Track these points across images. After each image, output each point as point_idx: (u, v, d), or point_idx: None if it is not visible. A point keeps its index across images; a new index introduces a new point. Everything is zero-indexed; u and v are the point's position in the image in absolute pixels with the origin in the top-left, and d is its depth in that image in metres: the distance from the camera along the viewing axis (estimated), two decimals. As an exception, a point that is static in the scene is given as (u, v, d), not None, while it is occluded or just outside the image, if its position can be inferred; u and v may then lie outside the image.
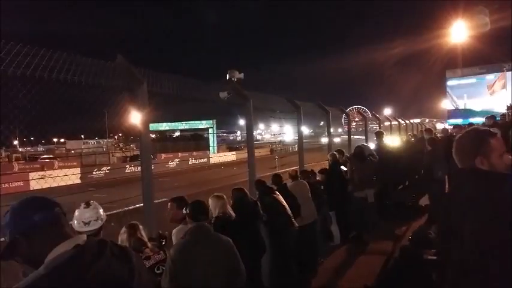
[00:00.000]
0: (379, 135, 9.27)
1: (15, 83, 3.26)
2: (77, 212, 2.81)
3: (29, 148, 38.98)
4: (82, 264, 1.18)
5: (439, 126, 33.95)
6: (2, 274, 1.78)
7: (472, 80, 33.59)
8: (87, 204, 2.82)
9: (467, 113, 31.43)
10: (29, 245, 1.23)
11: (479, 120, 21.22)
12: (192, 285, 2.69)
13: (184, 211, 3.15)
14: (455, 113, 33.40)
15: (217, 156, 37.33)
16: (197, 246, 2.81)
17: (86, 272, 1.17)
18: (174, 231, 3.56)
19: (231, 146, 53.83)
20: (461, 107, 33.73)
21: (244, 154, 7.02)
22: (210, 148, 42.53)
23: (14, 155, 34.94)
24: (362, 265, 5.93)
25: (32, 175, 21.67)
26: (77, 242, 1.25)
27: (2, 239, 1.27)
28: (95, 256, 1.23)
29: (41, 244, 1.24)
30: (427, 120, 44.38)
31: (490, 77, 32.29)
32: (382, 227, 7.63)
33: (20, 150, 38.23)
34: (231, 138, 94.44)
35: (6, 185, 19.10)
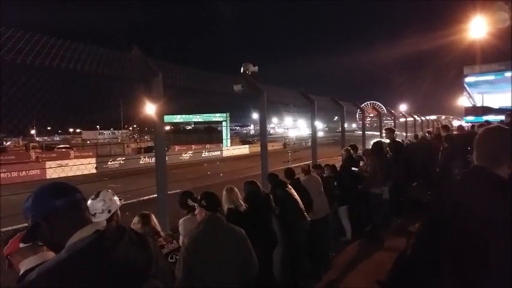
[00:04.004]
0: (390, 131, 9.17)
1: (33, 73, 3.31)
2: (88, 203, 2.81)
3: (45, 138, 39.66)
4: (102, 250, 1.21)
5: (456, 123, 33.41)
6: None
7: (490, 76, 32.89)
8: (96, 196, 2.79)
9: (485, 110, 30.83)
10: (50, 229, 1.27)
11: (496, 118, 20.80)
12: (205, 274, 2.72)
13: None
14: (473, 110, 32.79)
15: (230, 149, 37.42)
16: (211, 236, 2.84)
17: (105, 257, 1.19)
18: (180, 220, 3.60)
19: (244, 140, 53.89)
20: (479, 104, 33.10)
21: (257, 148, 7.03)
22: (223, 141, 42.63)
23: (31, 144, 35.59)
24: (374, 261, 5.91)
25: (48, 164, 22.05)
26: (97, 228, 1.28)
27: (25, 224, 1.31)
28: (114, 242, 1.26)
29: (62, 228, 1.27)
30: (443, 117, 43.60)
31: (509, 74, 31.54)
32: (396, 224, 7.59)
33: (37, 139, 38.97)
34: (244, 131, 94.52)
35: (24, 172, 19.55)
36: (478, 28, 33.58)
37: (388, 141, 8.69)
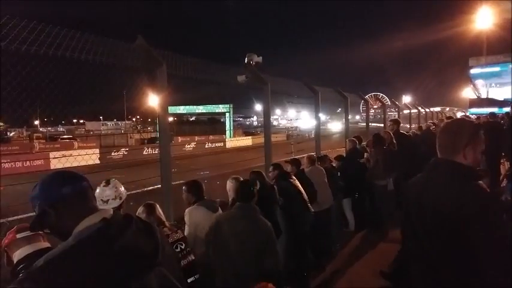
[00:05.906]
0: (395, 123, 9.11)
1: (37, 62, 3.29)
2: (97, 190, 2.85)
3: (49, 128, 39.81)
4: (109, 237, 1.21)
5: (460, 115, 33.22)
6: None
7: (495, 68, 32.61)
8: (107, 183, 2.85)
9: (490, 102, 30.63)
10: (57, 217, 1.28)
11: (502, 109, 20.67)
12: (224, 256, 2.98)
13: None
14: (477, 102, 32.56)
15: (233, 141, 37.44)
16: (234, 220, 3.10)
17: (112, 245, 1.20)
18: (186, 210, 3.61)
19: (247, 131, 53.83)
20: (484, 96, 32.85)
21: (260, 139, 7.03)
22: (227, 132, 42.63)
23: (35, 135, 35.71)
24: (377, 252, 5.93)
25: (52, 154, 22.14)
26: (103, 216, 1.28)
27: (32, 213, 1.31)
28: (121, 230, 1.26)
29: (68, 216, 1.27)
30: (447, 109, 43.32)
31: (514, 65, 31.26)
32: (399, 215, 7.58)
33: (41, 130, 39.12)
34: (247, 122, 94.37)
35: (28, 163, 19.65)
36: (484, 19, 33.23)
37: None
